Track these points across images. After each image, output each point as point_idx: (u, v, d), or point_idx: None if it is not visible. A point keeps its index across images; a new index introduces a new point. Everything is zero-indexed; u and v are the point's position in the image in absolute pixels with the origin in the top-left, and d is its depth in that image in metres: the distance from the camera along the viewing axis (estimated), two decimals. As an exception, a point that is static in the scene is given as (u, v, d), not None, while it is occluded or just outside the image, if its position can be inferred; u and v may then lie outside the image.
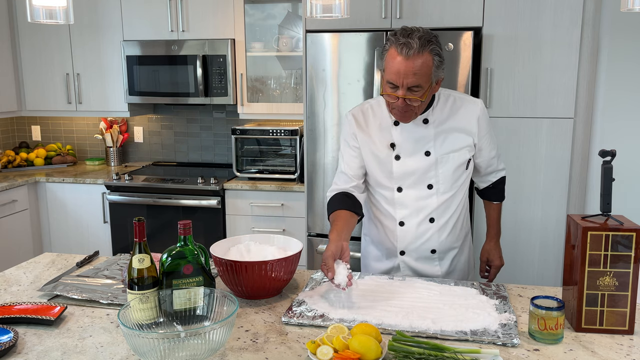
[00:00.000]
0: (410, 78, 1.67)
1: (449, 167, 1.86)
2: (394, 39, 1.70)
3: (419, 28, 1.71)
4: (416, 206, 1.90)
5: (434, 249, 1.95)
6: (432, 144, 1.85)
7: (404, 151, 1.86)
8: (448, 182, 1.88)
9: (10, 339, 1.39)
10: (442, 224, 1.92)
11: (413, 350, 1.30)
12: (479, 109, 1.87)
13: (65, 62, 3.98)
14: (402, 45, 1.66)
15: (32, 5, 1.71)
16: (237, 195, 3.55)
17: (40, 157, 4.17)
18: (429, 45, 1.67)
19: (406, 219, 1.92)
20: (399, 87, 1.70)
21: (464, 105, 1.87)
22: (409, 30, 1.70)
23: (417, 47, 1.65)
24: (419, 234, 1.92)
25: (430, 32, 1.72)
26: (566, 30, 2.85)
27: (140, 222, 1.48)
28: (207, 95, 3.72)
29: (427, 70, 1.68)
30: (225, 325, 1.27)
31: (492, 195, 2.10)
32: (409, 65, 1.66)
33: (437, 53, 1.70)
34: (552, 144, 2.94)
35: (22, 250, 3.77)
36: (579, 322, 1.48)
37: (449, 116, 1.86)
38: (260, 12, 3.78)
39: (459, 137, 1.86)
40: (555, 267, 3.04)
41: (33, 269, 1.98)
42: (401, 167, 1.87)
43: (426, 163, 1.85)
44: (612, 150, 1.49)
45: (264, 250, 1.77)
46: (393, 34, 1.73)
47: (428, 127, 1.85)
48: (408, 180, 1.88)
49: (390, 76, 1.71)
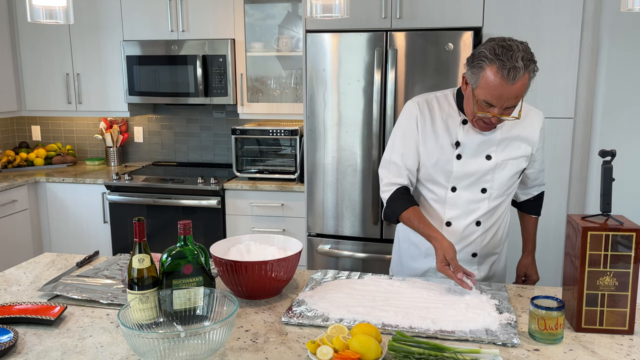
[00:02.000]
0: (512, 101, 1.64)
1: (505, 173, 1.84)
2: (495, 58, 1.60)
3: (517, 45, 1.61)
4: (467, 208, 1.87)
5: (475, 253, 1.93)
6: (494, 148, 1.82)
7: (467, 152, 1.83)
8: (502, 189, 1.87)
9: (10, 339, 1.39)
10: (486, 228, 1.90)
11: (413, 350, 1.30)
12: (542, 121, 1.87)
13: (65, 62, 3.98)
14: (508, 69, 1.58)
15: (32, 5, 1.71)
16: (237, 195, 3.55)
17: (40, 157, 4.17)
18: (530, 65, 1.61)
19: (454, 220, 1.89)
20: (495, 106, 1.66)
21: (529, 114, 1.85)
22: (511, 49, 1.59)
23: (522, 71, 1.58)
24: (464, 236, 1.90)
25: (527, 45, 1.64)
26: (566, 30, 2.85)
27: (140, 222, 1.48)
28: (207, 95, 3.72)
29: (524, 89, 1.65)
30: (225, 325, 1.27)
31: (532, 209, 2.07)
32: (512, 90, 1.61)
33: (534, 69, 1.64)
34: (552, 144, 2.94)
35: (22, 250, 3.77)
36: (579, 322, 1.48)
37: (515, 124, 1.82)
38: (260, 12, 3.78)
39: (520, 146, 1.84)
40: (555, 267, 3.04)
41: (33, 269, 1.98)
42: (462, 167, 1.83)
43: (486, 167, 1.83)
44: (612, 150, 1.49)
45: (264, 250, 1.77)
46: (492, 51, 1.61)
47: (495, 132, 1.81)
48: (464, 182, 1.85)
49: (489, 98, 1.64)
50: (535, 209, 2.08)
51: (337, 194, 3.19)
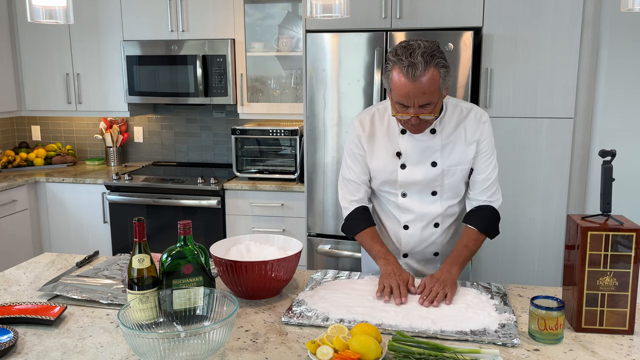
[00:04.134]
0: (420, 98, 1.63)
1: (455, 178, 1.84)
2: (396, 59, 1.63)
3: (419, 43, 1.63)
4: (421, 212, 1.88)
5: (437, 252, 1.94)
6: (438, 154, 1.82)
7: (410, 160, 1.83)
8: (453, 191, 1.87)
9: (10, 339, 1.39)
10: (445, 228, 1.91)
11: (413, 350, 1.30)
12: (480, 120, 1.81)
13: (65, 62, 3.98)
14: (406, 67, 1.60)
15: (32, 5, 1.71)
16: (237, 195, 3.55)
17: (40, 157, 4.17)
18: (433, 60, 1.61)
19: (411, 224, 1.90)
20: (409, 106, 1.66)
21: (469, 114, 1.83)
22: (410, 47, 1.62)
23: (422, 67, 1.59)
24: (424, 238, 1.91)
25: (432, 42, 1.65)
26: (566, 30, 2.85)
27: (140, 222, 1.48)
28: (207, 95, 3.72)
29: (435, 86, 1.63)
30: (225, 325, 1.27)
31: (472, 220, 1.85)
32: (417, 86, 1.61)
33: (443, 65, 1.64)
34: (552, 144, 2.94)
35: (22, 250, 3.77)
36: (579, 322, 1.48)
37: (455, 127, 1.81)
38: (260, 12, 3.78)
39: (467, 150, 1.81)
40: (555, 267, 3.04)
41: (33, 269, 1.98)
42: (406, 176, 1.84)
43: (432, 174, 1.83)
44: (612, 150, 1.49)
45: (264, 250, 1.77)
46: (394, 53, 1.65)
47: (435, 138, 1.81)
48: (413, 188, 1.86)
49: (399, 98, 1.66)
50: (475, 221, 1.83)
51: (337, 194, 3.18)
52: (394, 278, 1.65)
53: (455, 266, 1.73)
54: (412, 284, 1.68)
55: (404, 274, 1.69)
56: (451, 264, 1.74)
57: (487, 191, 1.85)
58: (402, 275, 1.68)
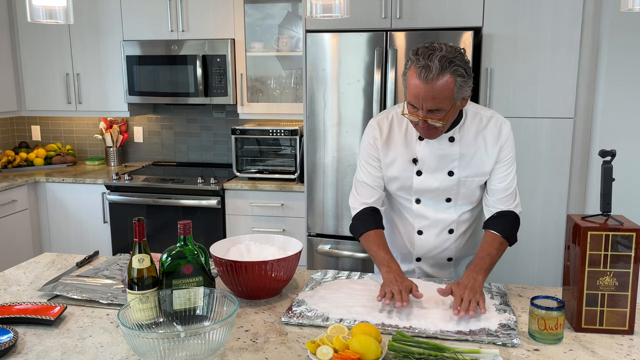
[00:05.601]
0: (429, 102, 1.59)
1: (471, 188, 1.81)
2: (415, 58, 1.60)
3: (442, 46, 1.60)
4: (435, 218, 1.86)
5: (451, 257, 1.93)
6: (456, 163, 1.78)
7: (427, 168, 1.79)
8: (468, 198, 1.84)
9: (10, 339, 1.39)
10: (460, 234, 1.89)
11: (413, 350, 1.30)
12: (502, 131, 1.76)
13: (65, 62, 3.98)
14: (421, 68, 1.57)
15: (32, 5, 1.71)
16: (237, 195, 3.55)
17: (40, 157, 4.17)
18: (450, 67, 1.56)
19: (425, 229, 1.88)
20: (419, 108, 1.63)
21: (489, 124, 1.77)
22: (431, 49, 1.59)
23: (436, 71, 1.55)
24: (438, 243, 1.89)
25: (455, 49, 1.61)
26: (566, 30, 2.85)
27: (140, 222, 1.48)
28: (207, 95, 3.72)
29: (447, 93, 1.58)
30: (225, 325, 1.27)
31: (494, 225, 1.82)
32: (428, 90, 1.57)
33: (460, 73, 1.58)
34: (552, 144, 2.94)
35: (22, 250, 3.77)
36: (579, 322, 1.48)
37: (475, 136, 1.77)
38: (260, 12, 3.78)
39: (485, 161, 1.77)
40: (555, 267, 3.04)
41: (33, 269, 1.98)
42: (422, 183, 1.81)
43: (448, 183, 1.79)
44: (612, 150, 1.49)
45: (264, 250, 1.77)
46: (415, 51, 1.62)
47: (453, 146, 1.77)
48: (427, 195, 1.83)
49: (410, 98, 1.62)
50: (497, 227, 1.79)
51: (337, 194, 3.19)
52: (395, 285, 1.61)
53: (480, 274, 1.66)
54: (416, 290, 1.61)
55: (406, 281, 1.63)
56: (477, 272, 1.66)
57: (507, 200, 1.81)
58: (404, 283, 1.62)
